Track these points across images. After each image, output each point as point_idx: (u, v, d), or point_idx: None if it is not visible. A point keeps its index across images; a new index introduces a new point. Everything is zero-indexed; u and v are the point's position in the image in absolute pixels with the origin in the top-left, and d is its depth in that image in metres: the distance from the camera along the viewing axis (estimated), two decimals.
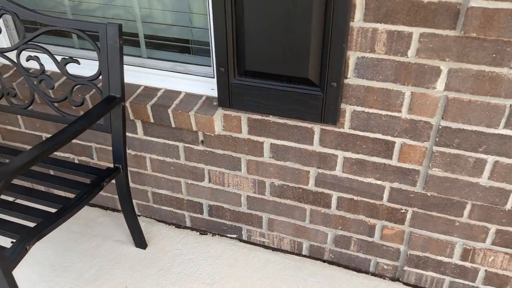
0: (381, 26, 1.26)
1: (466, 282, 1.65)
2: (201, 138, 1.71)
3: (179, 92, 1.71)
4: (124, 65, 1.61)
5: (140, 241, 1.90)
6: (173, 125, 1.67)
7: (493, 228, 1.49)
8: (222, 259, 1.86)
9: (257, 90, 1.47)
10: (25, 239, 1.30)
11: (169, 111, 1.63)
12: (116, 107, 1.53)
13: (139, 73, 1.74)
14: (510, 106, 1.25)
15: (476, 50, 1.20)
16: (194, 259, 1.86)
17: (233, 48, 1.42)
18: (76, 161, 2.02)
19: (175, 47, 1.72)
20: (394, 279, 1.76)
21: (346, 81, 1.38)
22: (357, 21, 1.27)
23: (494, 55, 1.19)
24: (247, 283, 1.75)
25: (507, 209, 1.42)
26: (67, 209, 1.42)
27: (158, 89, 1.73)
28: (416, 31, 1.23)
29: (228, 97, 1.53)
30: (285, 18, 1.30)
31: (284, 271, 1.80)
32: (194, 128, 1.64)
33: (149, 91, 1.73)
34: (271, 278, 1.77)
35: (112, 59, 1.49)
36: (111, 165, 1.64)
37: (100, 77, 1.53)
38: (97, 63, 1.65)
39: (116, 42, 1.47)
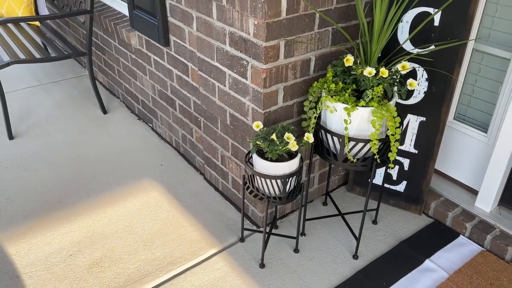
0: None
1: (226, 183, 2.29)
2: (133, 49, 2.77)
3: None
4: None
5: (102, 109, 3.10)
6: (121, 37, 2.78)
7: (230, 141, 2.13)
8: (138, 135, 2.90)
9: (141, 20, 2.45)
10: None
11: (107, 20, 2.74)
12: (87, 15, 2.73)
13: None
14: (216, 47, 1.93)
15: (202, 4, 1.93)
16: (121, 126, 2.96)
17: None
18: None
19: None
20: (202, 173, 2.51)
21: (169, 19, 2.24)
22: None
23: (207, 8, 1.91)
24: (140, 150, 2.76)
25: (230, 126, 2.06)
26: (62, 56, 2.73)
27: None
28: None
29: (132, 20, 2.55)
30: None
31: (155, 144, 2.74)
32: (126, 40, 2.71)
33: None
34: (158, 150, 2.74)
35: None
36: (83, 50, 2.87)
37: None
38: None
39: None
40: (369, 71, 1.56)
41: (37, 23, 3.43)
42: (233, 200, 2.29)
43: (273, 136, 1.64)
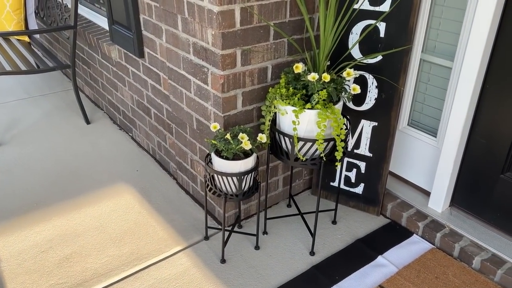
0: None
1: (195, 186, 2.41)
2: (113, 62, 2.94)
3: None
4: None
5: (86, 119, 3.25)
6: (103, 51, 2.95)
7: (197, 145, 2.26)
8: (117, 143, 3.04)
9: (119, 34, 2.61)
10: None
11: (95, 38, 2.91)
12: (71, 30, 2.91)
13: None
14: (182, 56, 2.08)
15: (169, 17, 2.09)
16: (103, 135, 3.10)
17: (109, 3, 2.61)
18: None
19: None
20: (175, 178, 2.63)
21: (143, 32, 2.41)
22: None
23: (173, 21, 2.07)
24: (118, 157, 2.90)
25: (197, 130, 2.20)
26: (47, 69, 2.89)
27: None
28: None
29: (112, 34, 2.72)
30: None
31: (134, 152, 2.87)
32: (107, 54, 2.88)
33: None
34: (135, 159, 2.87)
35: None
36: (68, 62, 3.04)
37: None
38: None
39: None
40: (312, 76, 1.71)
41: (27, 39, 3.61)
42: (201, 202, 2.41)
43: (227, 136, 1.77)
